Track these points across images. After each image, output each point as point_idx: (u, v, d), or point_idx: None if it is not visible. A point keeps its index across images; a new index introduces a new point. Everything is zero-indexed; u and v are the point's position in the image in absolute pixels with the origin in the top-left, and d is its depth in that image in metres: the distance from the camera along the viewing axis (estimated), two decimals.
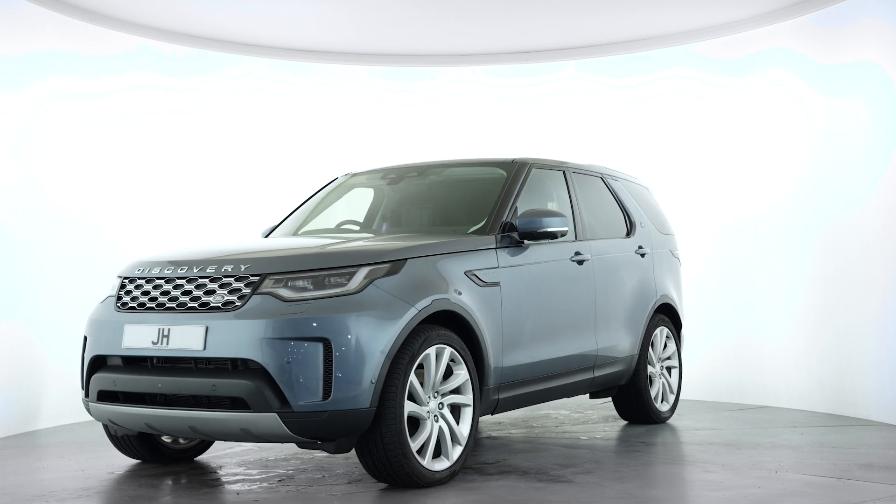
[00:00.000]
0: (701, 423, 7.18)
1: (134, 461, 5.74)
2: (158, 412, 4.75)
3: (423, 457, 4.81)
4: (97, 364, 5.03)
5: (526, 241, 5.66)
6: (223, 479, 5.29)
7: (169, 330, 4.72)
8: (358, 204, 6.68)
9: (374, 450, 4.67)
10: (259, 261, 4.78)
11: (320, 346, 4.47)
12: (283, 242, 5.51)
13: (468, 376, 5.04)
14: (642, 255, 6.95)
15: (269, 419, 4.47)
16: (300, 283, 4.65)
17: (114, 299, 5.12)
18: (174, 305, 4.80)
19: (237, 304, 4.63)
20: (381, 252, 4.88)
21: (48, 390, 7.44)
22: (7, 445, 6.57)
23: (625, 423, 7.14)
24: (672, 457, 5.87)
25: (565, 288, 6.01)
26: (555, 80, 9.71)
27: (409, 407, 4.72)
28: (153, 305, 4.89)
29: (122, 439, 5.51)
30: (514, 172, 6.00)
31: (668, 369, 7.28)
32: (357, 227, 6.36)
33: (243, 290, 4.66)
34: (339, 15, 8.45)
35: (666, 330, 7.19)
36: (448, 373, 5.02)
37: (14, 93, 7.38)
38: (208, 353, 4.58)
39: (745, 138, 8.66)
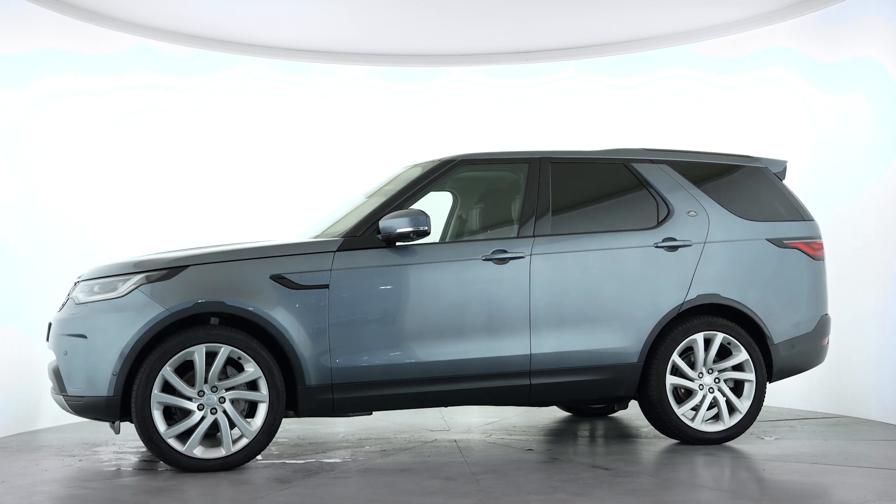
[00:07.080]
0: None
1: None
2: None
3: (188, 443, 5.29)
4: None
5: (399, 243, 5.63)
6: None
7: (48, 324, 5.76)
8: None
9: (137, 433, 5.31)
10: (88, 270, 5.64)
11: (82, 342, 5.30)
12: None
13: (260, 373, 5.38)
14: (671, 249, 6.14)
15: (61, 400, 5.44)
16: (93, 288, 5.44)
17: None
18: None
19: (63, 304, 5.63)
20: (159, 261, 5.47)
21: (48, 391, 7.42)
22: (7, 444, 6.60)
23: (672, 442, 6.25)
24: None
25: (463, 288, 5.74)
26: (555, 80, 9.71)
27: (163, 398, 5.25)
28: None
29: None
30: (425, 173, 5.99)
31: (735, 383, 6.23)
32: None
33: (70, 294, 5.64)
34: (339, 15, 8.45)
35: (721, 335, 6.14)
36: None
37: (14, 93, 7.38)
38: (49, 345, 5.64)
39: (746, 138, 8.66)
